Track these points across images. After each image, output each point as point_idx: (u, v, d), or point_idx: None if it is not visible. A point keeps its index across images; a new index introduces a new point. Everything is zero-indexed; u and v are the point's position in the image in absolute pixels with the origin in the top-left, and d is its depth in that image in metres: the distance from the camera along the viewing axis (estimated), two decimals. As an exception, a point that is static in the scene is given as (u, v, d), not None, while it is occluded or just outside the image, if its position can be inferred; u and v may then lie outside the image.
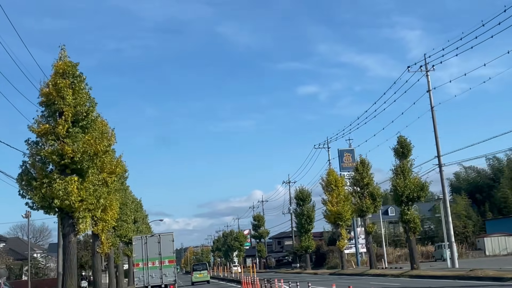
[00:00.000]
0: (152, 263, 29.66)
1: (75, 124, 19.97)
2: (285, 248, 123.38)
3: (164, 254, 29.81)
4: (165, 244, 30.02)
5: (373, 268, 41.61)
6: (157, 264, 29.57)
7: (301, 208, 61.48)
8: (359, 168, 42.52)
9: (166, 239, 30.30)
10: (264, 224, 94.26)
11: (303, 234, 61.39)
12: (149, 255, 29.64)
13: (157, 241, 30.04)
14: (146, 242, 29.98)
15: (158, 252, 29.74)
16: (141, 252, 29.68)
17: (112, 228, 33.57)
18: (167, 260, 29.89)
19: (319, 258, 69.34)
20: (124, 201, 36.23)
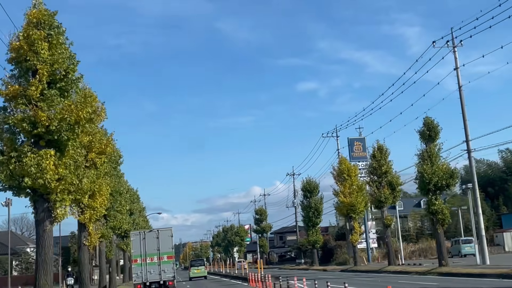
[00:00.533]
0: (151, 259, 28.61)
1: (51, 86, 16.17)
2: (287, 243, 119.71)
3: (162, 250, 28.72)
4: (163, 240, 28.89)
5: (392, 265, 37.89)
6: (156, 260, 28.53)
7: (308, 200, 57.78)
8: (376, 155, 38.76)
9: (165, 234, 29.12)
10: (267, 218, 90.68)
11: (310, 228, 57.71)
12: (148, 251, 28.53)
13: (155, 236, 28.91)
14: (145, 238, 28.83)
15: (157, 247, 28.64)
16: (139, 247, 28.63)
17: (103, 218, 29.81)
18: (165, 256, 28.82)
19: (326, 254, 65.62)
20: (118, 189, 32.44)
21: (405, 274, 32.13)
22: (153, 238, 28.84)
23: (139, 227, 54.10)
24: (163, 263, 28.69)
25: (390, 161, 38.74)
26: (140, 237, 29.02)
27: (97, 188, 23.34)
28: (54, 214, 16.03)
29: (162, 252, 28.75)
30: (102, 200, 23.75)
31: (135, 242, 29.04)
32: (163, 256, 28.76)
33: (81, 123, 16.16)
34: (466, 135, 33.45)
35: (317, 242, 57.90)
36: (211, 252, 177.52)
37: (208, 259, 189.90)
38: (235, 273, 48.03)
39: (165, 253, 28.84)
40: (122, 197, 36.82)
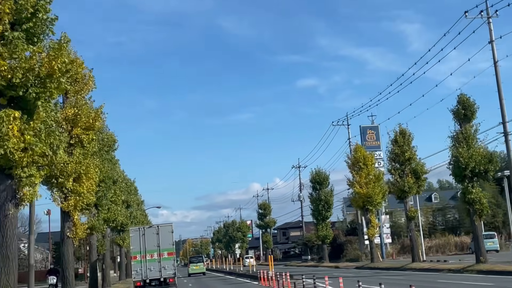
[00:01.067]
0: (151, 256, 27.87)
1: (15, 27, 12.39)
2: (290, 239, 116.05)
3: (163, 246, 27.92)
4: (164, 236, 28.13)
5: (416, 261, 34.14)
6: (156, 257, 27.84)
7: (317, 192, 54.04)
8: (398, 139, 34.98)
9: (165, 230, 28.33)
10: (271, 212, 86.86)
11: (320, 222, 53.99)
12: (147, 247, 27.76)
13: (155, 232, 28.10)
14: (144, 234, 28.01)
15: (157, 244, 27.85)
16: (138, 244, 27.89)
17: (94, 208, 26.10)
18: (166, 253, 28.03)
19: (336, 250, 61.84)
20: (111, 175, 28.70)
21: (435, 272, 28.43)
22: (153, 234, 28.00)
23: (136, 221, 50.52)
24: (164, 260, 27.86)
25: (414, 147, 34.99)
26: (140, 233, 28.10)
27: (83, 170, 19.60)
28: (20, 194, 12.29)
29: (163, 249, 27.88)
30: (90, 185, 19.98)
31: (134, 238, 28.12)
32: (163, 252, 27.91)
33: (54, 76, 12.36)
34: (503, 115, 29.52)
35: (327, 237, 54.20)
36: (212, 248, 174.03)
37: (208, 256, 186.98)
38: (240, 270, 44.32)
39: (165, 249, 27.96)
40: (117, 186, 33.07)
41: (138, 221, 51.82)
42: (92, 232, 26.56)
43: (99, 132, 23.66)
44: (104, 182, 27.23)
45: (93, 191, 20.62)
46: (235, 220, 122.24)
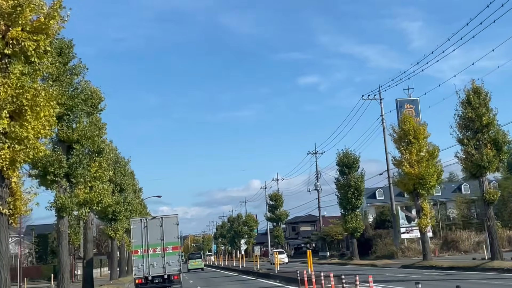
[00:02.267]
0: (153, 250, 25.64)
1: None
2: (301, 234, 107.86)
3: (167, 240, 25.59)
4: (168, 228, 25.78)
5: (498, 259, 25.84)
6: (159, 251, 25.58)
7: (345, 177, 45.82)
8: (472, 100, 26.71)
9: (169, 222, 25.99)
10: (282, 204, 78.58)
11: (349, 212, 45.79)
12: (150, 241, 25.52)
13: (159, 224, 25.77)
14: (146, 226, 25.62)
15: (160, 237, 25.57)
16: (140, 237, 25.54)
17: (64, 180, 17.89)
18: (170, 247, 25.66)
19: (363, 245, 53.49)
20: (91, 136, 20.39)
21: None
22: (156, 226, 25.65)
23: (131, 209, 42.60)
24: (168, 255, 25.46)
25: (492, 109, 26.73)
26: (142, 225, 25.65)
27: (28, 100, 11.36)
28: None
29: (167, 242, 25.50)
30: (41, 125, 11.71)
31: (135, 231, 25.66)
32: (167, 246, 25.50)
33: None
34: None
35: (357, 229, 46.02)
36: (214, 244, 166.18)
37: (210, 251, 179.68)
38: (259, 269, 35.99)
39: (169, 243, 25.60)
40: (103, 157, 24.76)
41: (134, 209, 43.73)
42: (62, 215, 18.40)
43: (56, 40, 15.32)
44: (79, 144, 19.04)
45: (48, 136, 12.37)
46: (241, 213, 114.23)
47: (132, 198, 40.87)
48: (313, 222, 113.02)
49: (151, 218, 26.78)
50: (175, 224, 25.98)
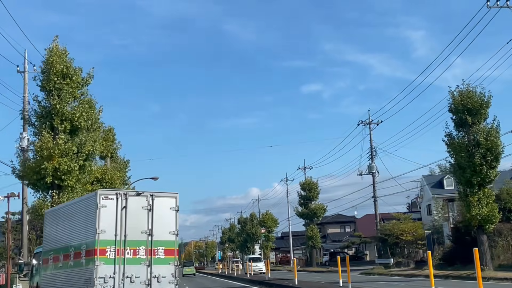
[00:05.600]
0: (133, 252, 14.14)
1: None
2: (329, 237, 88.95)
3: (158, 235, 14.41)
4: (161, 215, 14.52)
5: None
6: (143, 255, 14.19)
7: (466, 131, 27.18)
8: None
9: (164, 205, 14.69)
10: (318, 195, 59.75)
11: (475, 189, 27.00)
12: (129, 235, 14.07)
13: (145, 206, 14.46)
14: (125, 207, 14.16)
15: (147, 229, 14.34)
16: (112, 225, 13.99)
17: None
18: (162, 249, 14.47)
19: (463, 249, 34.89)
20: None
21: None
22: (141, 210, 14.39)
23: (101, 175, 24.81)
24: (157, 263, 14.20)
25: None
26: (117, 203, 14.04)
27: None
28: None
29: (158, 241, 14.33)
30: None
31: (104, 214, 13.86)
32: (157, 248, 14.32)
33: None
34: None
35: (492, 218, 27.15)
36: (220, 251, 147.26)
37: (213, 259, 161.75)
38: None
39: (162, 242, 14.39)
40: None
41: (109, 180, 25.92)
42: None
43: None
44: None
45: None
46: (254, 213, 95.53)
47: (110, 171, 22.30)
48: (343, 223, 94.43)
49: (134, 194, 14.74)
50: (172, 210, 14.85)
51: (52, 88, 19.92)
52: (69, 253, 14.72)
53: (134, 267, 13.81)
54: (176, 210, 14.78)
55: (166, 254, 14.37)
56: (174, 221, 14.67)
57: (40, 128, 19.95)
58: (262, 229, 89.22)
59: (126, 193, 14.27)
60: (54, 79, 19.91)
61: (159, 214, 14.41)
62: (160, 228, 14.38)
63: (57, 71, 19.96)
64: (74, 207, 15.21)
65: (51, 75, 19.95)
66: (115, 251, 13.61)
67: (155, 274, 14.02)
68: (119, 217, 13.89)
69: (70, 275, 14.55)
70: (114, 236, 13.70)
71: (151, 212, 14.33)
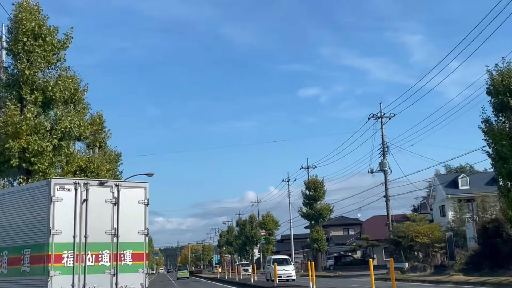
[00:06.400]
0: (96, 258, 11.33)
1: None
2: (332, 240, 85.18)
3: (124, 235, 11.77)
4: (128, 210, 11.96)
5: None
6: (107, 261, 11.48)
7: (509, 114, 23.57)
8: None
9: (131, 197, 12.09)
10: (324, 195, 56.05)
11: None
12: (90, 236, 11.25)
13: (109, 199, 11.82)
14: (86, 200, 11.36)
15: (111, 228, 11.66)
16: (71, 224, 11.06)
17: None
18: (129, 253, 11.87)
19: (485, 253, 31.31)
20: None
21: None
22: (105, 204, 11.66)
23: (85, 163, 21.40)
24: (124, 270, 11.58)
25: None
26: (77, 196, 11.22)
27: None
28: None
29: (124, 243, 11.67)
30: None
31: (61, 209, 10.89)
32: (125, 252, 11.73)
33: None
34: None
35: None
36: (217, 255, 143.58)
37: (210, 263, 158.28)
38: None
39: (129, 244, 11.77)
40: None
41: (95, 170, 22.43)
42: None
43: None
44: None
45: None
46: (254, 214, 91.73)
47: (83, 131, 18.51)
48: (346, 225, 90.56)
49: (96, 184, 11.67)
50: (142, 204, 12.01)
51: (20, 51, 16.19)
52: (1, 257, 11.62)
53: (96, 277, 11.16)
54: (146, 204, 12.24)
55: (134, 259, 11.85)
56: (143, 218, 12.13)
57: (5, 99, 16.19)
58: (262, 232, 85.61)
59: (87, 183, 11.55)
60: (23, 40, 16.19)
61: (126, 209, 11.84)
62: (127, 227, 11.79)
63: (27, 30, 16.23)
64: (20, 196, 11.87)
65: (19, 34, 16.22)
66: (74, 257, 10.88)
67: (121, 284, 11.44)
68: (78, 213, 11.14)
69: None
70: (72, 238, 10.94)
71: (116, 207, 11.71)
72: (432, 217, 57.12)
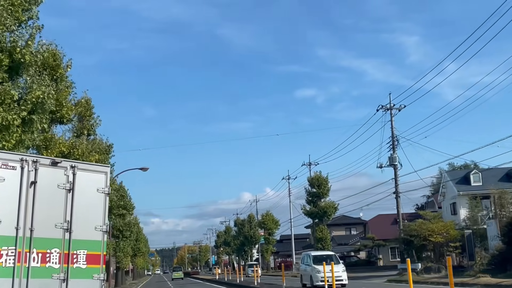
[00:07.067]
0: (42, 257, 8.59)
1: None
2: (334, 240, 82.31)
3: (78, 231, 9.08)
4: (84, 200, 9.37)
5: None
6: (56, 262, 8.75)
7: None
8: None
9: (88, 183, 9.51)
10: (328, 192, 53.17)
11: None
12: (36, 228, 8.58)
13: (62, 183, 9.12)
14: (35, 182, 8.69)
15: (64, 220, 8.98)
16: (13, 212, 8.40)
17: None
18: (84, 253, 9.18)
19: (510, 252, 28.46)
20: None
21: None
22: (57, 189, 9.03)
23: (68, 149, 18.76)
24: (76, 276, 8.87)
25: None
26: (23, 176, 8.58)
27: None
28: None
29: (78, 240, 9.06)
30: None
31: (2, 191, 8.32)
32: (77, 252, 9.08)
33: None
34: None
35: None
36: (214, 256, 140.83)
37: (207, 264, 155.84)
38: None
39: (84, 243, 9.17)
40: None
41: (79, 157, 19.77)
42: None
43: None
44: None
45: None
46: (252, 214, 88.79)
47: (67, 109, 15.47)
48: (349, 225, 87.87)
49: (48, 163, 9.19)
50: (101, 193, 9.71)
51: (-19, 5, 13.23)
52: None
53: (41, 283, 8.71)
54: (106, 193, 9.87)
55: (89, 261, 9.41)
56: (102, 210, 9.75)
57: (-37, 63, 13.26)
58: (261, 231, 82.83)
59: (37, 161, 9.10)
60: (-16, -9, 13.24)
61: (82, 198, 9.46)
62: (83, 220, 9.40)
63: (-10, -21, 13.28)
64: None
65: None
66: (16, 255, 8.46)
67: None
68: (24, 199, 8.74)
69: None
70: (14, 231, 8.54)
71: (71, 194, 9.30)
72: (441, 216, 54.33)
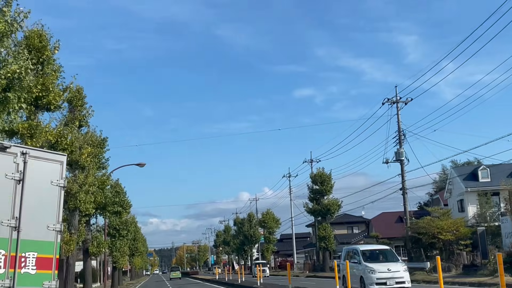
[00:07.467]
0: None
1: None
2: (336, 239, 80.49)
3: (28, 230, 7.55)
4: (36, 193, 7.88)
5: None
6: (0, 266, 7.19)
7: None
8: None
9: (42, 174, 8.00)
10: (332, 189, 51.50)
11: None
12: None
13: (11, 172, 7.61)
14: None
15: (11, 216, 7.47)
16: None
17: None
18: (33, 256, 7.64)
19: None
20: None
21: None
22: (5, 179, 7.51)
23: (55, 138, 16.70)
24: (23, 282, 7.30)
25: None
26: None
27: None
28: None
29: (27, 241, 7.52)
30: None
31: None
32: (26, 254, 7.52)
33: None
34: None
35: None
36: (213, 256, 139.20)
37: (206, 263, 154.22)
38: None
39: (34, 244, 7.64)
40: None
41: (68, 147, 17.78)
42: None
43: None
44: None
45: None
46: (252, 213, 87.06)
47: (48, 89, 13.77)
48: (350, 223, 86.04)
49: None
50: (55, 186, 8.14)
51: None
52: None
53: None
54: (62, 186, 8.37)
55: (39, 266, 7.93)
56: (56, 206, 8.27)
57: None
58: (261, 230, 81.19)
59: None
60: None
61: (33, 191, 7.99)
62: (33, 217, 7.97)
63: None
64: None
65: None
66: None
67: None
68: None
69: None
70: None
71: (21, 186, 7.84)
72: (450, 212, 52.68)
